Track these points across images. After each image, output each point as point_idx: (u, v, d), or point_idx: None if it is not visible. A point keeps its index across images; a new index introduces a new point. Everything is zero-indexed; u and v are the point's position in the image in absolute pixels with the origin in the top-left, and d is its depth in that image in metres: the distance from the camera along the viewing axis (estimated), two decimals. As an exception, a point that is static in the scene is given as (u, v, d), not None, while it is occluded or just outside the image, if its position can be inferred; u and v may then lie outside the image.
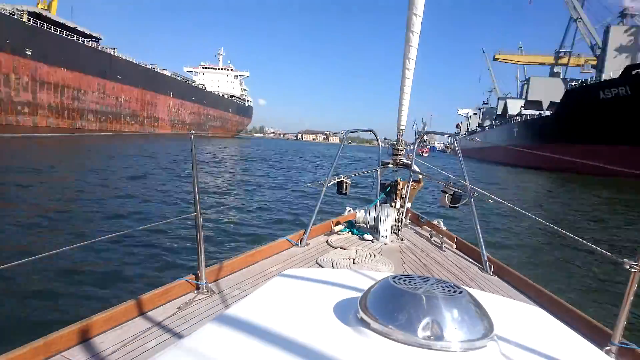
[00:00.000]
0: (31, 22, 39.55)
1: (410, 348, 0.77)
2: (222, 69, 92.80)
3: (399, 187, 3.80)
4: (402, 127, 3.80)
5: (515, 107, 55.85)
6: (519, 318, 1.09)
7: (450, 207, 3.37)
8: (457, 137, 4.10)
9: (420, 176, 3.94)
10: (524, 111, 50.04)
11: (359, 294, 0.93)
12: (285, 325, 0.89)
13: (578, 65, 57.82)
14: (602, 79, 34.86)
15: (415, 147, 4.53)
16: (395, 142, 3.85)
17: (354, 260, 2.82)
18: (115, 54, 53.23)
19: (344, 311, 0.93)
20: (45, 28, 40.90)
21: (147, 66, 60.19)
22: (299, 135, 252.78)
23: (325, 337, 0.83)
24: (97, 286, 4.27)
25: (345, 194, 3.49)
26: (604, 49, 41.32)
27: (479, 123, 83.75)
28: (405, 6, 3.12)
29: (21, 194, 8.75)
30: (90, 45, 48.90)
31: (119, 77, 52.52)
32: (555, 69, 60.29)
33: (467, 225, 6.62)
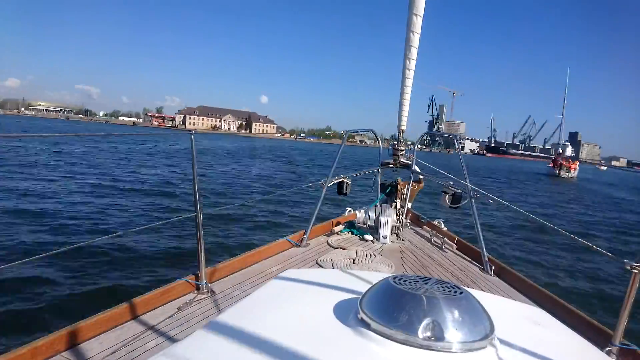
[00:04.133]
0: None
1: (410, 349, 0.76)
2: None
3: (399, 187, 3.79)
4: (403, 127, 3.81)
5: None
6: (520, 319, 1.09)
7: (450, 207, 3.37)
8: (457, 137, 4.08)
9: (421, 176, 3.93)
10: None
11: (359, 295, 0.93)
12: (285, 325, 0.89)
13: None
14: None
15: (415, 147, 4.48)
16: (395, 142, 3.85)
17: (354, 260, 2.82)
18: None
19: (344, 312, 0.93)
20: None
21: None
22: (179, 120, 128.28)
23: (325, 338, 0.83)
24: (97, 286, 4.27)
25: (345, 194, 3.49)
26: None
27: None
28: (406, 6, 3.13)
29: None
30: None
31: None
32: None
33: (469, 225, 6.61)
